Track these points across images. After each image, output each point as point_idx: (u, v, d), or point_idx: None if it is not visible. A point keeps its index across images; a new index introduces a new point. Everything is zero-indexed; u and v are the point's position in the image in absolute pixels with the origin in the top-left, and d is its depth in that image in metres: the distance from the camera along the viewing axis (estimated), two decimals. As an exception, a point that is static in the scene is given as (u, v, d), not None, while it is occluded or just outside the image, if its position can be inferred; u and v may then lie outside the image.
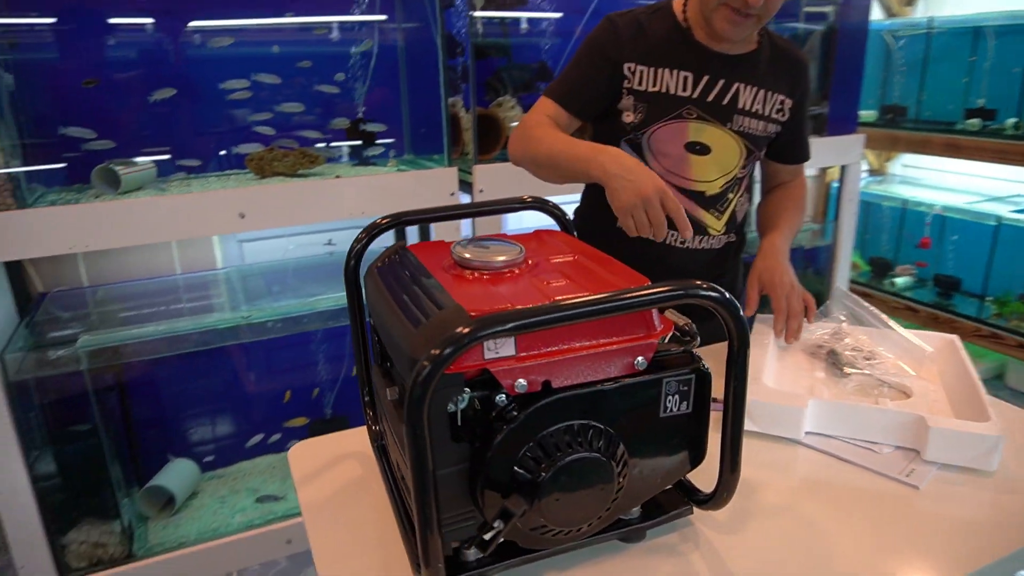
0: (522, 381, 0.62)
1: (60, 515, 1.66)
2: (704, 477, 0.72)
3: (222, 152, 1.88)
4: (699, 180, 1.19)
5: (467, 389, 0.62)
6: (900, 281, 3.04)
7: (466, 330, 0.54)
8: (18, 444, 1.53)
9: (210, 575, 1.81)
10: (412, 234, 2.15)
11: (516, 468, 0.63)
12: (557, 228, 0.95)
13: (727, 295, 0.61)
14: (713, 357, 0.69)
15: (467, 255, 0.72)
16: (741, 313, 0.62)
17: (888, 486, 0.82)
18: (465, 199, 1.89)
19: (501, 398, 0.63)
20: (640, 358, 0.65)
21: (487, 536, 0.60)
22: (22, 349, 1.59)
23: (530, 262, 0.75)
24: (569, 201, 1.24)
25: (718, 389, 0.65)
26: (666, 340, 0.73)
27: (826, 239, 2.66)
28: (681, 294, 0.59)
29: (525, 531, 0.65)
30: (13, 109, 1.61)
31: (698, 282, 0.60)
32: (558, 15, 2.17)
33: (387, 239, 1.04)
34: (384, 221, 0.87)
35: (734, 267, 1.35)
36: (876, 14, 3.26)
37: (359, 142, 1.98)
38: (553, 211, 0.94)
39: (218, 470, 2.10)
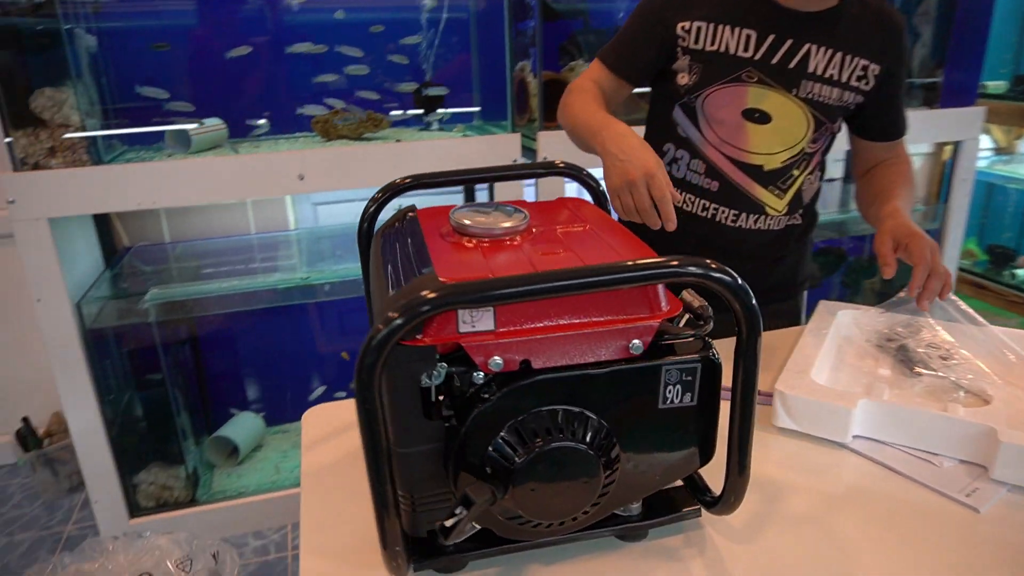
0: (497, 359, 0.56)
1: (131, 457, 1.77)
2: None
3: (293, 114, 1.90)
4: (757, 152, 1.08)
5: (444, 364, 0.58)
6: (1022, 273, 2.72)
7: (423, 297, 0.49)
8: (93, 388, 1.63)
9: (267, 526, 1.88)
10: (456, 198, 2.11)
11: (490, 453, 0.57)
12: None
13: (733, 277, 0.53)
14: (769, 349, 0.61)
15: (465, 221, 0.67)
16: (752, 299, 0.54)
17: (943, 505, 0.71)
18: (528, 167, 1.82)
19: (479, 376, 0.58)
20: (636, 341, 0.58)
21: (448, 523, 0.56)
22: (100, 299, 1.69)
23: (535, 230, 0.69)
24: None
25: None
26: (680, 323, 0.66)
27: (935, 223, 2.41)
28: (672, 272, 0.51)
29: (502, 520, 0.61)
30: (94, 70, 1.68)
31: (703, 261, 0.52)
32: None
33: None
34: (403, 181, 0.83)
35: (798, 251, 1.22)
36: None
37: (423, 108, 1.95)
38: (586, 180, 0.87)
39: (282, 425, 2.17)
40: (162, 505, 1.80)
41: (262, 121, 1.87)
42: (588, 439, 0.58)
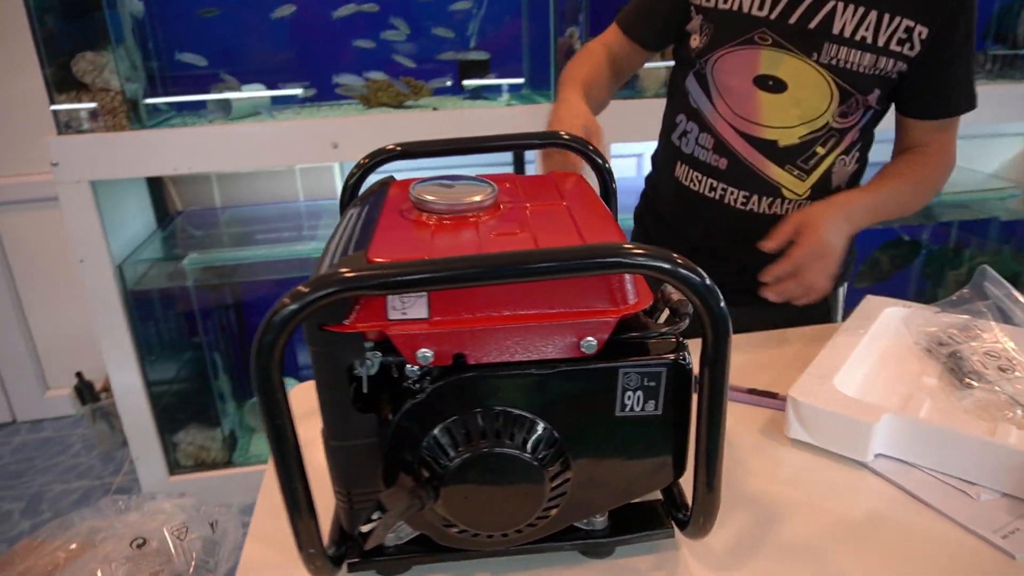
0: (426, 351, 0.50)
1: (170, 417, 1.81)
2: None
3: (335, 81, 1.88)
4: (769, 125, 0.95)
5: (377, 353, 0.52)
6: None
7: (317, 281, 0.43)
8: (135, 349, 1.67)
9: (299, 491, 1.90)
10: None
11: (421, 453, 0.52)
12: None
13: (699, 275, 0.44)
14: (765, 345, 0.52)
15: (425, 196, 0.60)
16: (720, 301, 0.46)
17: (971, 546, 0.60)
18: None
19: (413, 369, 0.52)
20: (590, 338, 0.50)
21: (364, 529, 0.51)
22: (145, 261, 1.73)
23: (502, 207, 0.62)
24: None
25: (761, 380, 0.49)
26: (660, 317, 0.57)
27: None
28: (612, 263, 0.43)
29: (439, 527, 0.55)
30: (138, 35, 1.70)
31: (660, 252, 0.44)
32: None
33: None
34: (392, 148, 0.77)
35: None
36: None
37: (466, 75, 1.88)
38: (591, 155, 0.78)
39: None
40: (199, 465, 1.84)
41: (298, 91, 1.85)
42: (530, 446, 0.51)
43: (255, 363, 0.45)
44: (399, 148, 0.77)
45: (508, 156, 2.10)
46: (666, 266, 0.44)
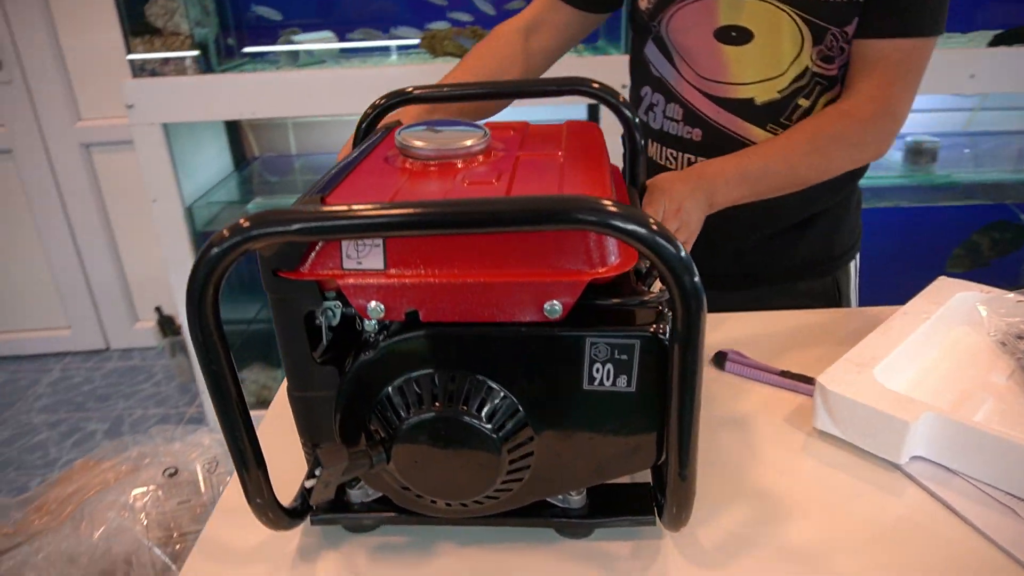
0: (377, 304, 0.47)
1: (235, 355, 1.88)
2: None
3: (395, 33, 1.85)
4: (740, 83, 0.83)
5: (338, 303, 0.49)
6: None
7: (240, 224, 0.40)
8: (202, 286, 1.74)
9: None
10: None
11: (374, 411, 0.49)
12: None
13: (675, 247, 0.38)
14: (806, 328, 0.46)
15: (411, 141, 0.56)
16: (695, 275, 0.39)
17: (1008, 572, 0.52)
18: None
19: (372, 323, 0.49)
20: (555, 302, 0.45)
21: (307, 484, 0.48)
22: (217, 203, 1.78)
23: (492, 155, 0.57)
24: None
25: (791, 363, 0.43)
26: (651, 286, 0.52)
27: None
28: (577, 219, 0.38)
29: (397, 490, 0.52)
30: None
31: (613, 206, 0.38)
32: None
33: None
34: (412, 89, 0.73)
35: (832, 212, 0.94)
36: None
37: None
38: (619, 106, 0.71)
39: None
40: (261, 403, 1.92)
41: (365, 42, 1.83)
42: (487, 414, 0.47)
43: (188, 304, 0.43)
44: (414, 91, 0.72)
45: (583, 111, 2.01)
46: (634, 228, 0.38)
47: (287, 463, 0.60)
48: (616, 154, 0.77)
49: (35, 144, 2.07)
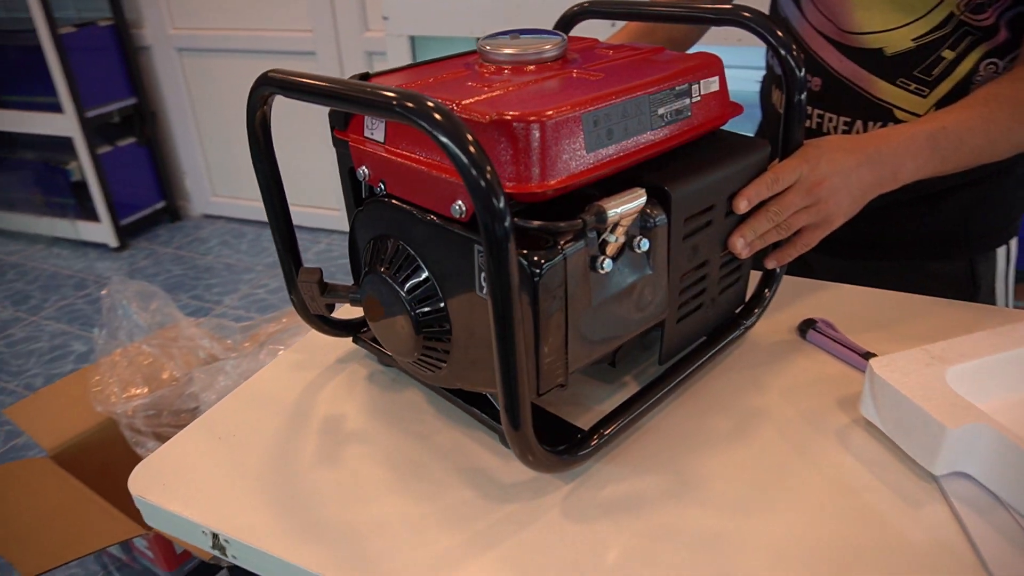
0: (365, 169, 0.53)
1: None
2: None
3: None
4: (867, 31, 0.69)
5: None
6: None
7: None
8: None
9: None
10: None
11: (359, 257, 0.57)
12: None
13: (447, 121, 0.37)
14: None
15: (485, 46, 0.56)
16: (499, 198, 0.37)
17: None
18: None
19: (366, 185, 0.55)
20: (460, 203, 0.46)
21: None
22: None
23: (564, 62, 0.55)
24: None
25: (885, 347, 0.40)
26: (615, 214, 0.49)
27: None
28: (383, 103, 0.38)
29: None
30: None
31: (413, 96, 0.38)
32: None
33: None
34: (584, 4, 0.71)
35: (975, 186, 0.75)
36: None
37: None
38: (776, 42, 0.57)
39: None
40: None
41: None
42: (409, 287, 0.50)
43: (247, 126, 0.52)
44: (590, 5, 0.70)
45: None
46: (438, 133, 0.37)
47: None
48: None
49: (332, 49, 2.42)
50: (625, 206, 0.45)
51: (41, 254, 2.71)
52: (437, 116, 0.37)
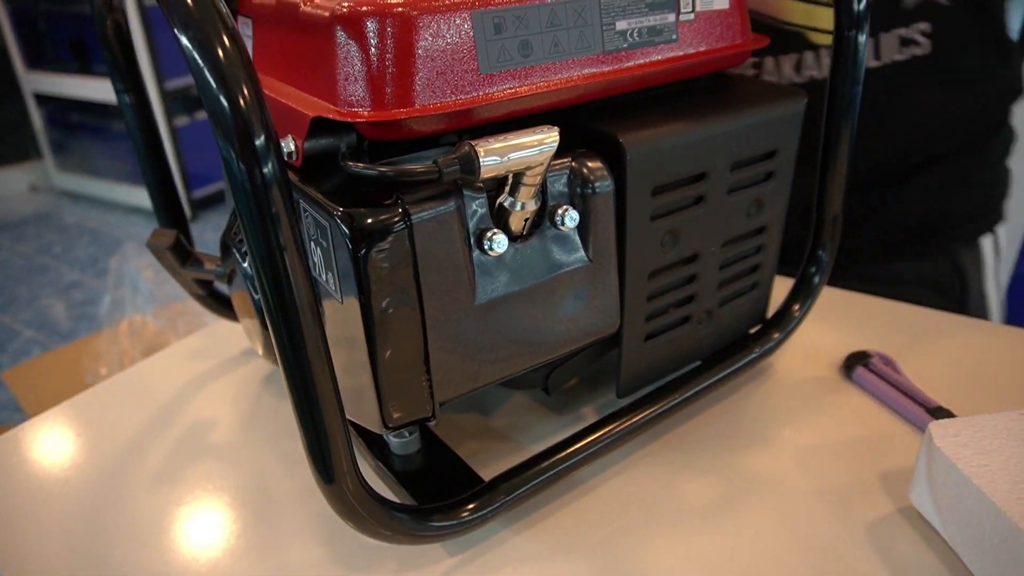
0: None
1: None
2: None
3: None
4: None
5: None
6: None
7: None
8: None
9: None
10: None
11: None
12: None
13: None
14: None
15: None
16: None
17: None
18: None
19: None
20: (290, 140, 0.31)
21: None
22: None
23: None
24: None
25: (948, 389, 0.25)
26: (481, 167, 0.33)
27: None
28: None
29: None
30: None
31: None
32: None
33: None
34: None
35: (959, 170, 0.61)
36: None
37: None
38: None
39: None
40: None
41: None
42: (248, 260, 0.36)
43: None
44: None
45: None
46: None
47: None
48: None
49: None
50: (521, 152, 0.28)
51: (118, 221, 2.78)
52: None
